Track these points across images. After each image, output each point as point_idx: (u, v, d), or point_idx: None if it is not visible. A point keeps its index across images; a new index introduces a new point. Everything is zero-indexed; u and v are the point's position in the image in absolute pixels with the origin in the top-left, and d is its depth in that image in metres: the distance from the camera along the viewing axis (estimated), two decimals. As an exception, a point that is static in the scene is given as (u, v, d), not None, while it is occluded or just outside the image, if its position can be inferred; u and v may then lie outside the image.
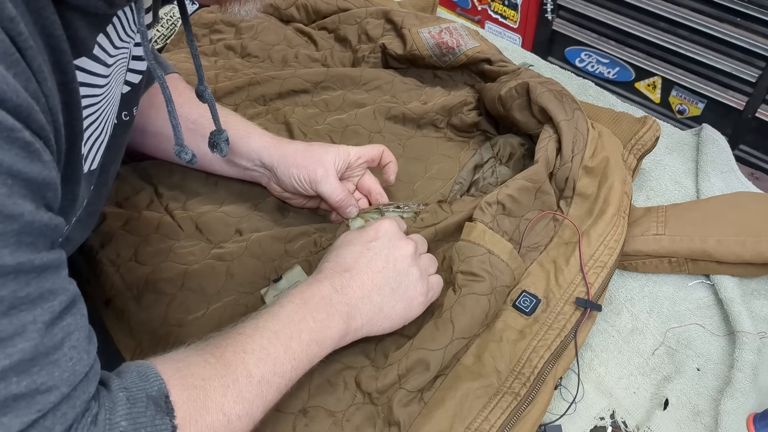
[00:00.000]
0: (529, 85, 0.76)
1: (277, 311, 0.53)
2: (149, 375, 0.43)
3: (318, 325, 0.53)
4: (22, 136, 0.33)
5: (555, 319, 0.64)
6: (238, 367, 0.48)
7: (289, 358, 0.51)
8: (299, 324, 0.52)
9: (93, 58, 0.46)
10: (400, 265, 0.59)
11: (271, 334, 0.51)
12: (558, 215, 0.71)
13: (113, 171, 0.61)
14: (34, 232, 0.35)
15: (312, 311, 0.53)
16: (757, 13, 1.41)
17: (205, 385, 0.45)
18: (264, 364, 0.49)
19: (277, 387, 0.50)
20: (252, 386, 0.48)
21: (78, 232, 0.57)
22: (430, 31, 0.90)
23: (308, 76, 0.89)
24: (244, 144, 0.72)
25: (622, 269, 0.73)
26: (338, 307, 0.55)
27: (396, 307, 0.58)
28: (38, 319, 0.35)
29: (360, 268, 0.57)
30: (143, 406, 0.41)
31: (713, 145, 0.84)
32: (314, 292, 0.55)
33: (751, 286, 0.71)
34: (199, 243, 0.72)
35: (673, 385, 0.63)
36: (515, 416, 0.57)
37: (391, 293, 0.58)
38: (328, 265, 0.58)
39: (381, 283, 0.58)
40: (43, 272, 0.35)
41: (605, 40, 1.73)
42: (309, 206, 0.76)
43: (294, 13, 1.04)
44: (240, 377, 0.47)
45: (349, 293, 0.56)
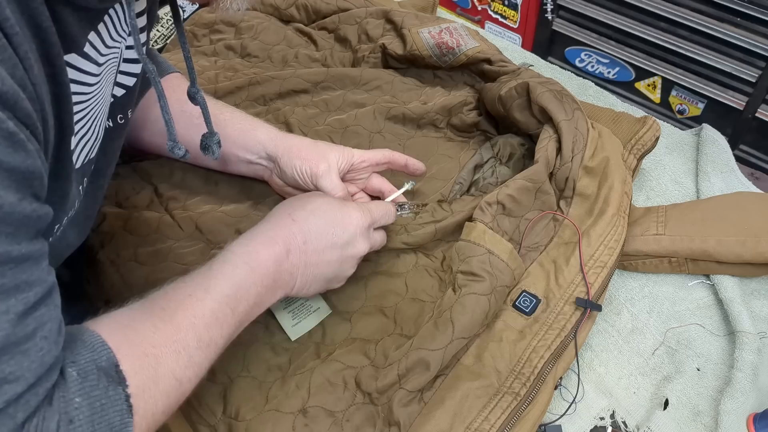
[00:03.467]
0: (529, 85, 0.76)
1: (230, 274, 0.52)
2: (96, 345, 0.42)
3: (263, 290, 0.54)
4: (5, 126, 0.33)
5: (555, 319, 0.64)
6: (189, 332, 0.48)
7: (235, 321, 0.52)
8: (249, 289, 0.53)
9: (84, 56, 0.45)
10: (346, 264, 0.61)
11: (221, 297, 0.51)
12: (558, 215, 0.71)
13: (109, 173, 0.61)
14: (14, 222, 0.34)
15: (262, 277, 0.54)
16: (757, 13, 1.41)
17: (156, 352, 0.45)
18: (212, 329, 0.49)
19: (222, 347, 0.51)
20: (201, 350, 0.48)
21: (74, 233, 0.57)
22: (430, 31, 0.90)
23: (308, 76, 0.89)
24: (250, 137, 0.72)
25: (622, 269, 0.73)
26: (284, 275, 0.56)
27: (316, 290, 0.61)
28: (11, 310, 0.35)
29: (317, 249, 0.58)
30: (95, 379, 0.40)
31: (713, 145, 0.84)
32: (269, 255, 0.55)
33: (751, 286, 0.71)
34: (199, 243, 0.72)
35: (673, 385, 0.63)
36: (515, 416, 0.57)
37: (322, 281, 0.61)
38: (292, 227, 0.58)
39: (323, 270, 0.60)
40: (22, 263, 0.36)
41: (605, 40, 1.72)
42: None
43: (294, 13, 1.04)
44: (190, 342, 0.47)
45: (297, 264, 0.57)
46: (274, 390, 0.59)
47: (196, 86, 0.60)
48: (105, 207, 0.74)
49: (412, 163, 0.74)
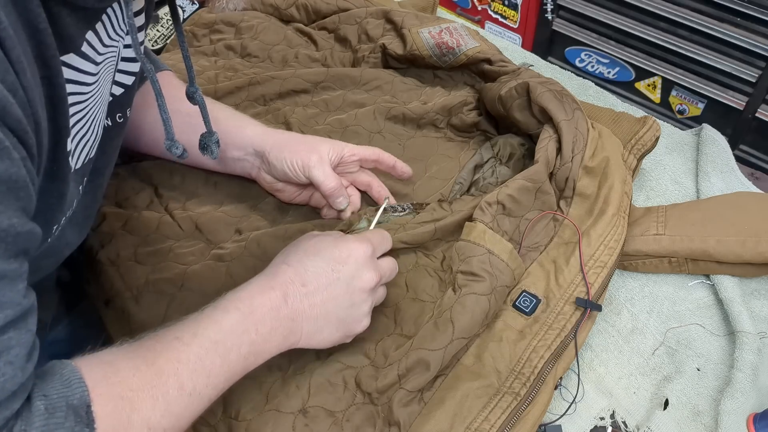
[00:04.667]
0: (529, 85, 0.76)
1: (221, 319, 0.49)
2: (72, 381, 0.40)
3: (260, 339, 0.51)
4: None
5: (555, 319, 0.64)
6: (170, 378, 0.45)
7: (225, 371, 0.48)
8: (241, 336, 0.49)
9: (81, 55, 0.45)
10: (356, 297, 0.56)
11: (210, 344, 0.47)
12: (558, 215, 0.71)
13: (108, 173, 0.60)
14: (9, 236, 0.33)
15: (257, 323, 0.51)
16: (757, 13, 1.41)
17: (132, 397, 0.42)
18: (198, 376, 0.46)
19: (208, 399, 0.48)
20: (182, 399, 0.45)
21: (74, 233, 0.56)
22: (430, 31, 0.90)
23: (308, 76, 0.89)
24: (238, 134, 0.71)
25: (622, 269, 0.73)
26: (283, 321, 0.52)
27: (334, 335, 0.56)
28: None
29: (318, 288, 0.54)
30: (62, 416, 0.38)
31: (713, 145, 0.84)
32: (264, 302, 0.52)
33: (751, 286, 0.71)
34: (199, 243, 0.72)
35: (673, 385, 0.63)
36: (515, 416, 0.57)
37: (336, 322, 0.56)
38: (288, 271, 0.54)
39: (332, 309, 0.55)
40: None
41: (605, 40, 1.73)
42: (299, 200, 0.74)
43: (294, 13, 1.04)
44: (171, 389, 0.44)
45: (298, 308, 0.53)
46: (274, 390, 0.59)
47: (195, 85, 0.60)
48: (105, 207, 0.74)
49: (400, 165, 0.73)
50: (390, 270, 0.61)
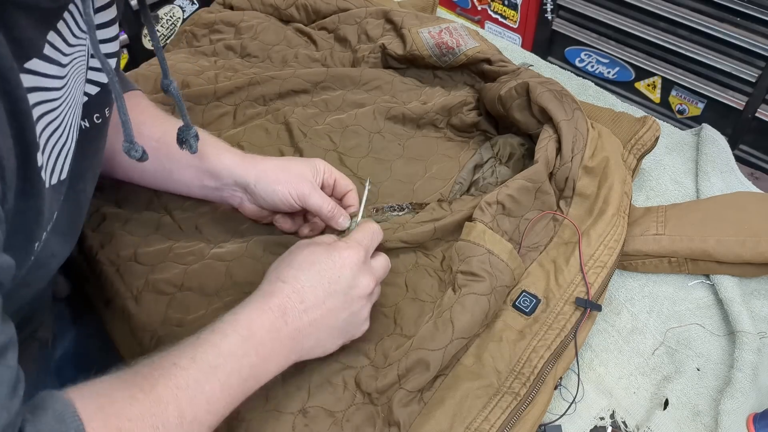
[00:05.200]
0: (528, 85, 0.76)
1: (219, 342, 0.48)
2: (66, 416, 0.38)
3: (260, 360, 0.50)
4: None
5: (555, 319, 0.64)
6: (170, 405, 0.43)
7: (225, 396, 0.47)
8: (241, 359, 0.48)
9: (45, 59, 0.42)
10: (355, 305, 0.56)
11: (209, 368, 0.46)
12: (558, 215, 0.71)
13: (90, 177, 0.56)
14: None
15: (257, 345, 0.49)
16: (757, 13, 1.41)
17: (131, 428, 0.41)
18: (197, 403, 0.45)
19: (208, 425, 0.46)
20: (183, 427, 0.44)
21: (59, 243, 0.53)
22: (429, 31, 0.90)
23: (308, 76, 0.89)
24: (215, 162, 0.68)
25: (622, 269, 0.73)
26: (284, 341, 0.51)
27: (335, 343, 0.57)
28: None
29: (316, 303, 0.53)
30: None
31: (713, 144, 0.84)
32: (263, 323, 0.50)
33: (751, 286, 0.71)
34: (199, 243, 0.72)
35: (673, 385, 0.63)
36: (515, 416, 0.57)
37: (337, 333, 0.56)
38: (284, 289, 0.53)
39: (332, 323, 0.55)
40: None
41: (605, 40, 1.73)
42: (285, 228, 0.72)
43: (294, 13, 1.04)
44: (170, 417, 0.43)
45: (298, 326, 0.52)
46: (274, 390, 0.59)
47: (169, 77, 0.56)
48: (105, 207, 0.74)
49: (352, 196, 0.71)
50: (384, 269, 0.60)
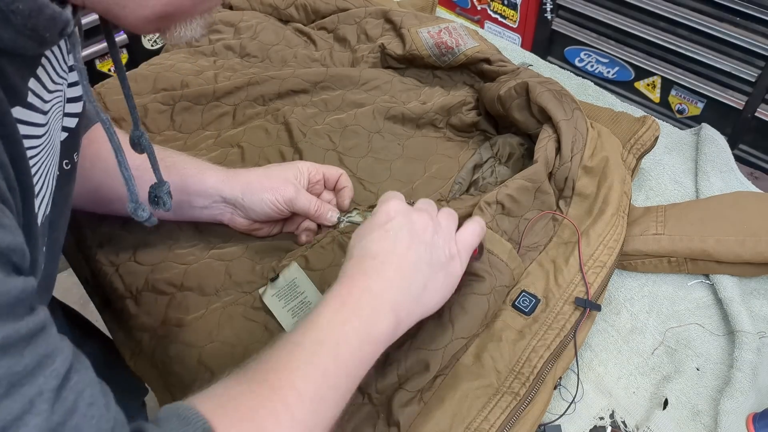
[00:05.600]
0: (528, 85, 0.76)
1: (315, 320, 0.48)
2: (190, 417, 0.39)
3: (365, 323, 0.48)
4: None
5: (554, 318, 0.64)
6: (286, 388, 0.43)
7: (341, 367, 0.46)
8: (344, 327, 0.47)
9: (28, 107, 0.41)
10: (424, 237, 0.54)
11: (314, 345, 0.46)
12: (557, 215, 0.71)
13: (62, 225, 0.54)
14: (11, 301, 0.32)
15: (354, 310, 0.49)
16: (757, 13, 1.41)
17: (254, 416, 0.41)
18: (314, 379, 0.45)
19: (333, 401, 0.46)
20: (305, 405, 0.43)
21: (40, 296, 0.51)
22: (429, 31, 0.90)
23: (307, 76, 0.89)
24: (198, 181, 0.67)
25: (622, 269, 0.73)
26: (380, 296, 0.50)
27: (438, 280, 0.54)
28: (44, 389, 0.32)
29: (388, 251, 0.52)
30: None
31: (712, 144, 0.84)
32: (351, 289, 0.50)
33: (750, 286, 0.71)
34: (199, 243, 0.72)
35: (672, 384, 0.63)
36: (515, 416, 0.57)
37: (428, 268, 0.53)
38: (353, 260, 0.53)
39: (414, 259, 0.53)
40: (33, 338, 0.33)
41: (605, 40, 1.72)
42: (274, 233, 0.73)
43: (293, 13, 1.04)
44: (290, 398, 0.43)
45: (386, 278, 0.51)
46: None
47: (139, 129, 0.54)
48: (104, 207, 0.74)
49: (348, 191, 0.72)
50: (429, 207, 0.58)
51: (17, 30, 0.35)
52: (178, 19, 0.44)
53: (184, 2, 0.42)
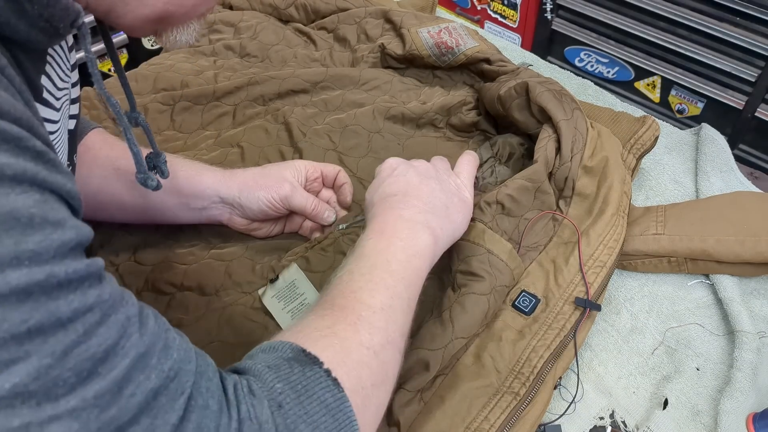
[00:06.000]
0: (528, 85, 0.76)
1: (360, 252, 0.52)
2: (275, 345, 0.42)
3: (407, 242, 0.53)
4: (32, 145, 0.31)
5: (554, 318, 0.64)
6: (355, 305, 0.47)
7: (397, 280, 0.50)
8: (389, 249, 0.52)
9: (44, 103, 0.42)
10: (428, 172, 0.62)
11: (368, 268, 0.50)
12: (557, 215, 0.71)
13: None
14: (83, 240, 0.33)
15: (393, 234, 0.54)
16: (757, 13, 1.41)
17: (333, 332, 0.44)
18: (377, 293, 0.48)
19: (400, 309, 0.49)
20: (377, 314, 0.47)
21: None
22: (429, 31, 0.90)
23: (307, 76, 0.89)
24: (196, 183, 0.68)
25: (622, 269, 0.73)
26: (414, 218, 0.56)
27: (455, 203, 0.61)
28: (129, 314, 0.34)
29: (404, 189, 0.59)
30: (287, 368, 0.40)
31: (712, 144, 0.84)
32: (385, 220, 0.55)
33: (750, 286, 0.71)
34: (199, 243, 0.72)
35: (672, 384, 0.63)
36: (515, 416, 0.57)
37: (443, 194, 0.60)
38: (375, 206, 0.58)
39: (428, 188, 0.59)
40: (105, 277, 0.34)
41: (605, 40, 1.72)
42: (275, 233, 0.73)
43: (293, 13, 1.04)
44: (362, 312, 0.46)
45: (413, 205, 0.57)
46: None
47: (136, 111, 0.57)
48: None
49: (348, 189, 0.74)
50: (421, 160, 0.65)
51: (31, 21, 0.36)
52: (177, 21, 0.45)
53: (184, 2, 0.43)
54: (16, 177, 0.30)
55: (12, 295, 0.28)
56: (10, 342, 0.28)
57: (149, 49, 1.71)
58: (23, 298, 0.29)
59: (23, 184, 0.30)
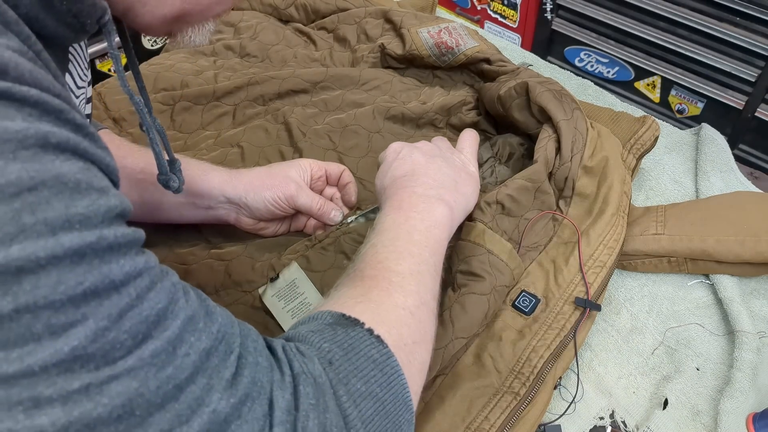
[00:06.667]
0: (528, 85, 0.76)
1: (380, 227, 0.54)
2: (315, 315, 0.44)
3: (424, 214, 0.55)
4: (73, 117, 0.31)
5: (554, 318, 0.64)
6: (384, 273, 0.48)
7: (421, 248, 0.52)
8: (408, 222, 0.54)
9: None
10: (432, 152, 0.64)
11: (390, 241, 0.52)
12: (557, 215, 0.71)
13: None
14: (126, 212, 0.33)
15: (410, 209, 0.55)
16: (756, 13, 1.41)
17: (368, 297, 0.46)
18: (404, 261, 0.50)
19: (428, 273, 0.51)
20: (406, 279, 0.48)
21: None
22: (429, 31, 0.90)
23: (307, 76, 0.89)
24: (203, 182, 0.68)
25: (622, 269, 0.73)
26: (427, 193, 0.57)
27: (463, 177, 0.63)
28: (174, 281, 0.35)
29: (413, 169, 0.61)
30: (330, 331, 0.41)
31: (712, 144, 0.84)
32: (400, 198, 0.57)
33: (750, 286, 0.71)
34: (199, 243, 0.72)
35: (672, 384, 0.63)
36: (515, 416, 0.57)
37: (450, 170, 0.62)
38: (387, 188, 0.60)
39: (435, 166, 0.61)
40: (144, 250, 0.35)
41: (605, 40, 1.72)
42: (281, 232, 0.74)
43: (293, 13, 1.04)
44: (392, 278, 0.48)
45: (424, 182, 0.59)
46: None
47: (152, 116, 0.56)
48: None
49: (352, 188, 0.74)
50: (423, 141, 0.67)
51: (59, 17, 0.37)
52: (194, 21, 0.46)
53: (201, 1, 0.44)
54: (60, 145, 0.30)
55: (66, 258, 0.29)
56: (67, 305, 0.29)
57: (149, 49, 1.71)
58: (77, 260, 0.29)
59: (66, 152, 0.30)
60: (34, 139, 0.29)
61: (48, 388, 0.28)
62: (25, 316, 0.28)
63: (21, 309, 0.28)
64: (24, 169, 0.28)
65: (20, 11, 0.33)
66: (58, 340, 0.28)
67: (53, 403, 0.28)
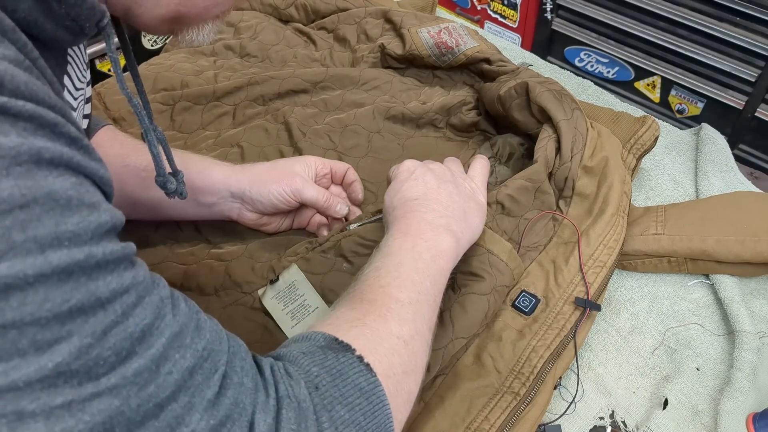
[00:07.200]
0: (528, 85, 0.76)
1: (386, 251, 0.54)
2: (309, 335, 0.44)
3: (430, 243, 0.55)
4: (67, 131, 0.32)
5: (554, 318, 0.64)
6: (384, 298, 0.48)
7: (423, 277, 0.52)
8: (414, 249, 0.54)
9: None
10: (446, 177, 0.63)
11: (394, 266, 0.51)
12: (557, 215, 0.71)
13: None
14: (117, 225, 0.34)
15: (417, 236, 0.55)
16: (756, 13, 1.41)
17: (364, 322, 0.46)
18: (405, 288, 0.50)
19: (426, 304, 0.51)
20: (405, 307, 0.48)
21: None
22: (429, 31, 0.90)
23: (307, 76, 0.89)
24: (206, 178, 0.68)
25: (622, 269, 0.73)
26: (436, 221, 0.57)
27: (472, 207, 0.62)
28: (162, 296, 0.35)
29: (424, 192, 0.60)
30: (321, 355, 0.41)
31: (712, 144, 0.84)
32: (408, 223, 0.56)
33: (750, 286, 0.71)
34: (199, 243, 0.72)
35: (672, 384, 0.63)
36: (515, 416, 0.57)
37: (460, 198, 0.61)
38: (397, 209, 0.59)
39: (446, 192, 0.60)
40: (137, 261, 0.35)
41: (605, 40, 1.72)
42: (284, 228, 0.73)
43: (293, 13, 1.04)
44: (391, 305, 0.48)
45: (433, 209, 0.58)
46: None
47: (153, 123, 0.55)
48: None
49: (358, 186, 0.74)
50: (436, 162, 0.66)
51: (58, 20, 0.37)
52: (191, 21, 0.46)
53: (197, 3, 0.44)
54: (54, 160, 0.30)
55: (54, 275, 0.29)
56: (53, 322, 0.29)
57: (149, 49, 1.71)
58: (64, 278, 0.29)
59: (60, 168, 0.30)
60: (27, 155, 0.29)
61: (32, 403, 0.29)
62: (11, 332, 0.28)
63: (7, 325, 0.28)
64: (17, 186, 0.28)
65: (18, 15, 0.34)
66: (42, 356, 0.29)
67: (36, 417, 0.29)
